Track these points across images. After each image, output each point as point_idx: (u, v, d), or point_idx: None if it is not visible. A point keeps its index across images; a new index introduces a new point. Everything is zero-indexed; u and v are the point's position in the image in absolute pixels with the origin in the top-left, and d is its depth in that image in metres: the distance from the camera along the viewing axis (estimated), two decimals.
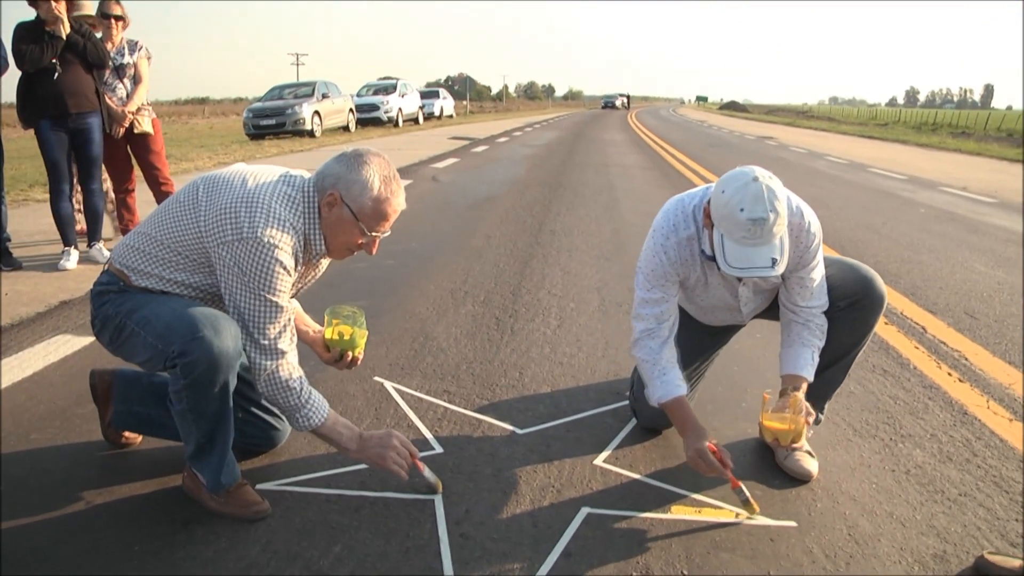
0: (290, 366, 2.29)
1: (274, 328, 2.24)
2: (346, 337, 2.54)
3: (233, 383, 2.25)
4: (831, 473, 2.67)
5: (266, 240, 2.15)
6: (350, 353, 2.56)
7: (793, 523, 2.36)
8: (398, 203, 2.34)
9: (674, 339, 2.67)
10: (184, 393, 2.19)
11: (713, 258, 2.43)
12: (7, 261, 5.35)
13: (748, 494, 2.37)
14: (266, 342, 2.23)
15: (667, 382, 2.58)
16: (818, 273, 2.60)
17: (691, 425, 2.50)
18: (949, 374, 3.65)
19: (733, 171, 2.33)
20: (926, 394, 3.40)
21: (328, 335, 2.55)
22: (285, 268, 2.21)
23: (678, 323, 2.69)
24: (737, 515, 2.39)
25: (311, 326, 2.68)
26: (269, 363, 2.25)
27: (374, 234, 2.33)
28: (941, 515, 2.42)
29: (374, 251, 2.39)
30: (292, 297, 2.44)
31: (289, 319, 2.30)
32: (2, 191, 5.38)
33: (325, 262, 2.52)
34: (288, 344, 2.29)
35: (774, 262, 2.27)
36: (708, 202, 2.40)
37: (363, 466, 2.59)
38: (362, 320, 2.56)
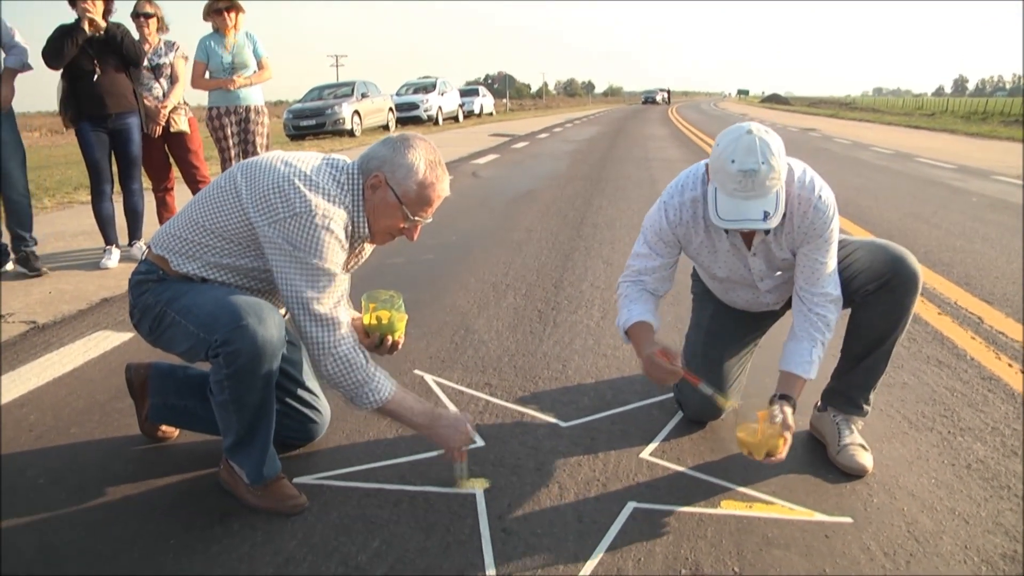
0: (351, 338, 2.22)
1: (331, 298, 2.17)
2: (384, 322, 2.46)
3: (276, 373, 2.21)
4: (887, 467, 2.56)
5: (320, 214, 2.11)
6: (390, 337, 2.49)
7: (849, 519, 2.26)
8: (443, 188, 2.30)
9: (656, 297, 2.67)
10: (226, 383, 2.14)
11: None
12: (31, 266, 5.17)
13: (712, 390, 2.43)
14: (324, 311, 2.16)
15: (632, 311, 2.59)
16: (829, 257, 2.47)
17: (645, 348, 2.49)
18: (1010, 365, 3.50)
19: (731, 126, 2.31)
20: (985, 386, 3.27)
21: (366, 320, 2.48)
22: (339, 240, 2.17)
23: (665, 287, 2.69)
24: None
25: (350, 313, 2.62)
26: (330, 336, 2.17)
27: (416, 219, 2.29)
28: (1008, 512, 2.30)
29: (415, 237, 2.35)
30: None
31: (346, 291, 2.25)
32: (27, 194, 5.26)
33: (368, 249, 2.47)
34: (346, 316, 2.23)
35: (766, 215, 2.21)
36: None
37: (402, 459, 2.55)
38: (400, 303, 2.49)
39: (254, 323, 2.08)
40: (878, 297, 2.51)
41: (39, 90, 5.30)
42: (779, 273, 2.62)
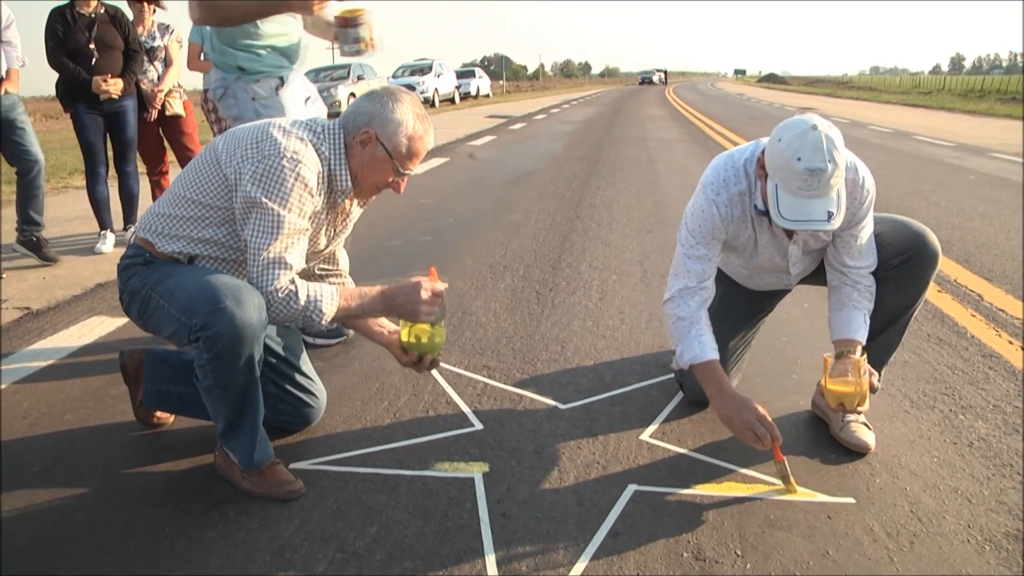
0: (292, 281, 2.13)
1: (280, 243, 2.09)
2: (423, 340, 2.34)
3: (259, 355, 2.16)
4: (889, 446, 2.54)
5: (288, 156, 2.09)
6: (429, 356, 2.39)
7: (851, 499, 2.24)
8: (430, 140, 2.32)
9: (708, 312, 2.55)
10: (209, 367, 2.11)
11: (766, 212, 2.31)
12: (43, 254, 5.11)
13: (790, 470, 2.27)
14: (273, 256, 2.08)
15: (704, 343, 2.46)
16: (868, 232, 2.47)
17: (729, 391, 2.38)
18: (1010, 342, 3.48)
19: (791, 119, 2.21)
20: (986, 363, 3.25)
21: (404, 338, 2.37)
22: (306, 185, 2.12)
23: (717, 289, 2.59)
24: (784, 489, 2.28)
25: (385, 326, 2.52)
26: (272, 280, 2.09)
27: (405, 172, 2.29)
28: (1011, 491, 2.28)
29: (402, 189, 2.35)
30: (325, 248, 2.40)
31: (306, 244, 2.18)
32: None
33: (356, 211, 2.44)
34: (298, 262, 2.14)
35: (830, 215, 2.15)
36: (762, 153, 2.30)
37: (400, 444, 2.53)
38: (441, 318, 2.35)
39: (232, 305, 2.03)
40: (899, 272, 2.50)
41: (33, 76, 5.23)
42: (811, 256, 2.61)
